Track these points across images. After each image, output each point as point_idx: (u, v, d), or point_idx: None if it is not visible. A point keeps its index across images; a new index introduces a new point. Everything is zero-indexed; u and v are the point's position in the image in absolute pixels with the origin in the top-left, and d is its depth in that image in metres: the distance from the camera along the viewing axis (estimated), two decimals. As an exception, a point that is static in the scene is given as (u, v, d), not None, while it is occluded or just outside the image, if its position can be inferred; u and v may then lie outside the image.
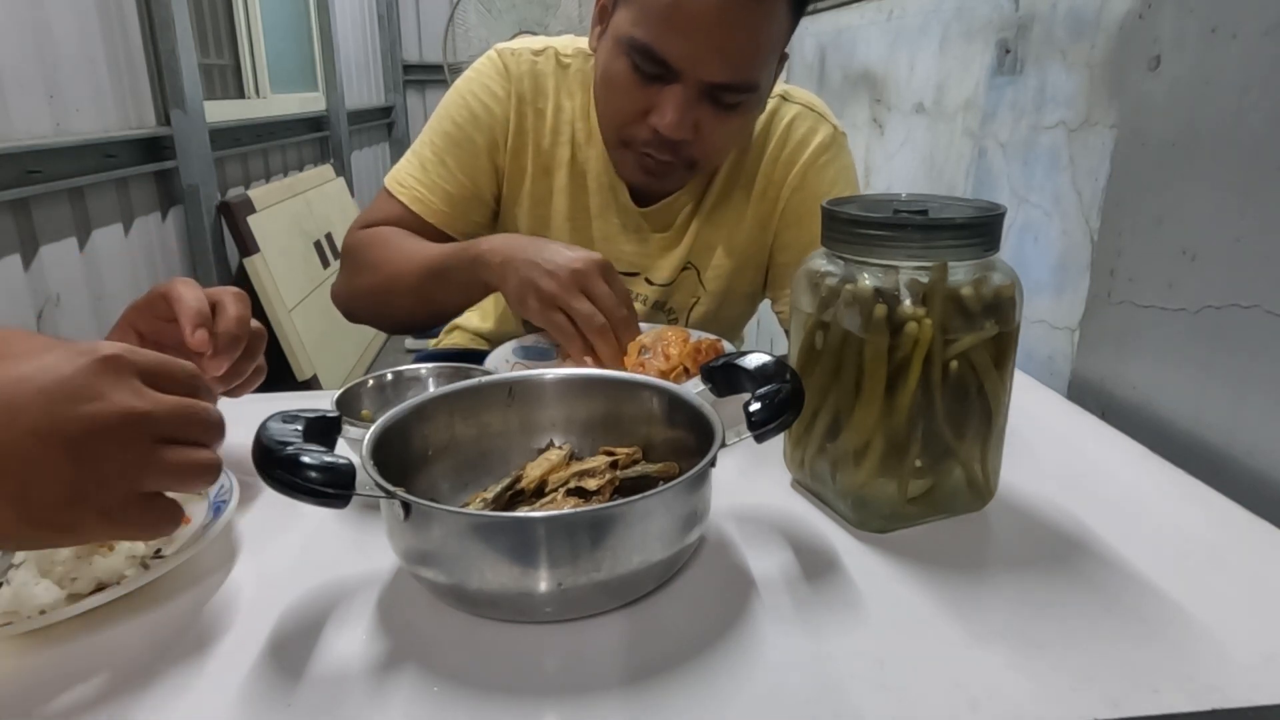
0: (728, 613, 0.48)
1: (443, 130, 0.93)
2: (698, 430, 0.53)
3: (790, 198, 0.96)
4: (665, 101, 0.79)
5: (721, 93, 0.79)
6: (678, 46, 0.76)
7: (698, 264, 0.98)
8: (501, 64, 0.93)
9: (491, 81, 0.93)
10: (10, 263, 1.47)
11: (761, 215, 0.97)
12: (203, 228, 2.13)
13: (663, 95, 0.79)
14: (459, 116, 0.93)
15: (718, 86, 0.78)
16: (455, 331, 1.15)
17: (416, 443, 0.55)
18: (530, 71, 0.93)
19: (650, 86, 0.79)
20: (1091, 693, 0.41)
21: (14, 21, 1.48)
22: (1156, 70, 0.78)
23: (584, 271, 0.73)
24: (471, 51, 3.59)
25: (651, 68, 0.78)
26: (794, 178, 0.95)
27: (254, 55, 2.82)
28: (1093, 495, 0.61)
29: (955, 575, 0.51)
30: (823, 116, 0.97)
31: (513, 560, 0.43)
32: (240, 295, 0.60)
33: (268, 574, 0.52)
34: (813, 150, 0.95)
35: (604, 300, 0.73)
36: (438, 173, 0.92)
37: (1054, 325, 0.94)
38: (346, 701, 0.41)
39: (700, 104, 0.79)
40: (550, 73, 0.93)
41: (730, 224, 0.97)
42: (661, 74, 0.78)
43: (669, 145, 0.82)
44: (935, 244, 0.51)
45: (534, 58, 0.93)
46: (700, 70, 0.77)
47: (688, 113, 0.79)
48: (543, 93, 0.93)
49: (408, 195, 0.92)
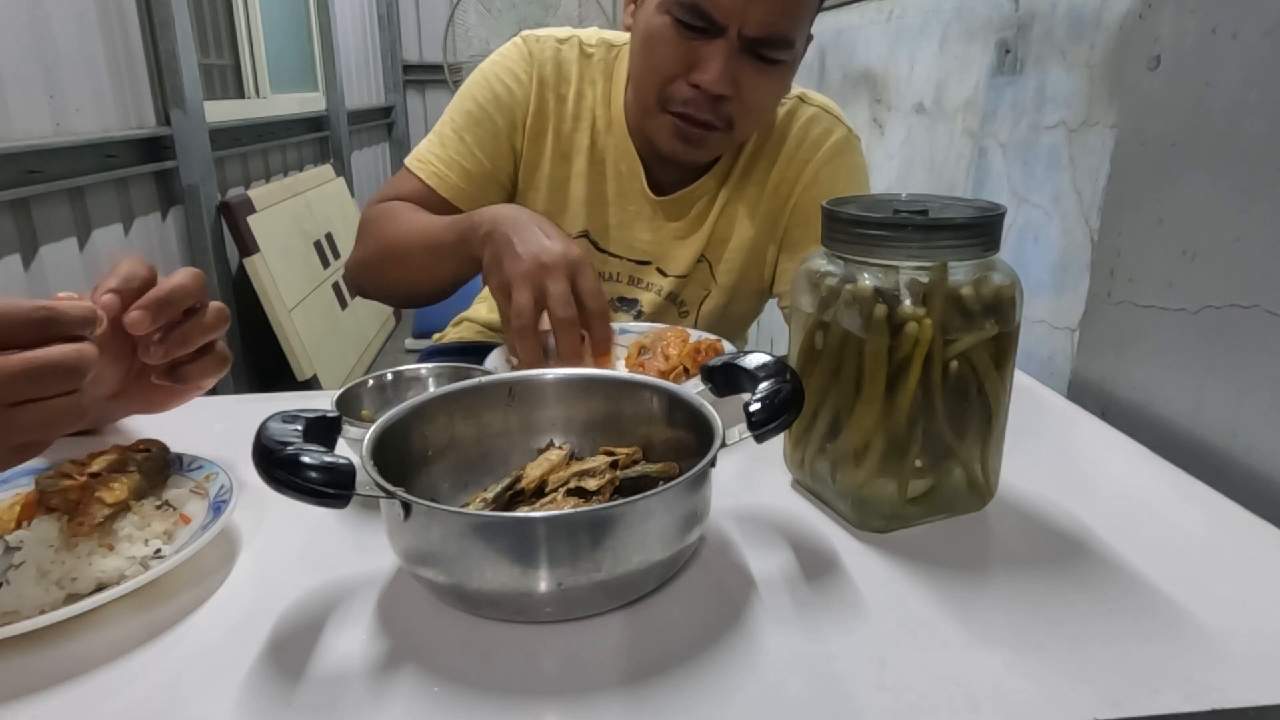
0: (728, 613, 0.48)
1: (464, 109, 0.94)
2: (698, 430, 0.53)
3: (801, 195, 0.97)
4: (708, 56, 0.81)
5: (762, 47, 0.81)
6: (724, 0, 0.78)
7: (711, 257, 0.99)
8: (526, 49, 0.95)
9: (515, 65, 0.94)
10: (10, 263, 1.47)
11: (773, 210, 0.98)
12: (203, 228, 2.13)
13: (705, 50, 0.81)
14: (481, 96, 0.94)
15: (759, 40, 0.80)
16: (463, 324, 1.15)
17: (416, 443, 0.55)
18: (554, 57, 0.95)
19: (693, 42, 0.81)
20: (1091, 693, 0.41)
21: (14, 21, 1.48)
22: (1156, 70, 0.78)
23: (549, 266, 0.69)
24: (472, 51, 3.59)
25: (696, 21, 0.80)
26: (806, 175, 0.96)
27: (254, 55, 2.82)
28: (1093, 495, 0.61)
29: (955, 575, 0.51)
30: (839, 119, 0.98)
31: (513, 560, 0.43)
32: (193, 272, 0.55)
33: (268, 574, 0.52)
34: (827, 150, 0.96)
35: (553, 299, 0.69)
36: (456, 149, 0.93)
37: (1054, 325, 0.94)
38: (346, 701, 0.41)
39: (741, 59, 0.81)
40: (574, 59, 0.95)
41: (744, 217, 0.98)
42: (705, 28, 0.80)
43: (710, 103, 0.83)
44: (935, 244, 0.51)
45: (558, 44, 0.95)
46: (743, 23, 0.79)
47: (729, 67, 0.81)
48: (565, 78, 0.95)
49: (425, 170, 0.93)
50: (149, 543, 0.51)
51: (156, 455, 0.57)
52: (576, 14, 3.65)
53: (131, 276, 0.51)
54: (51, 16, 1.58)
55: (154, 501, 0.55)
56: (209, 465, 0.58)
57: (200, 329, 0.55)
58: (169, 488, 0.57)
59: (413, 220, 0.89)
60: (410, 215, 0.90)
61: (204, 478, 0.58)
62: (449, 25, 3.65)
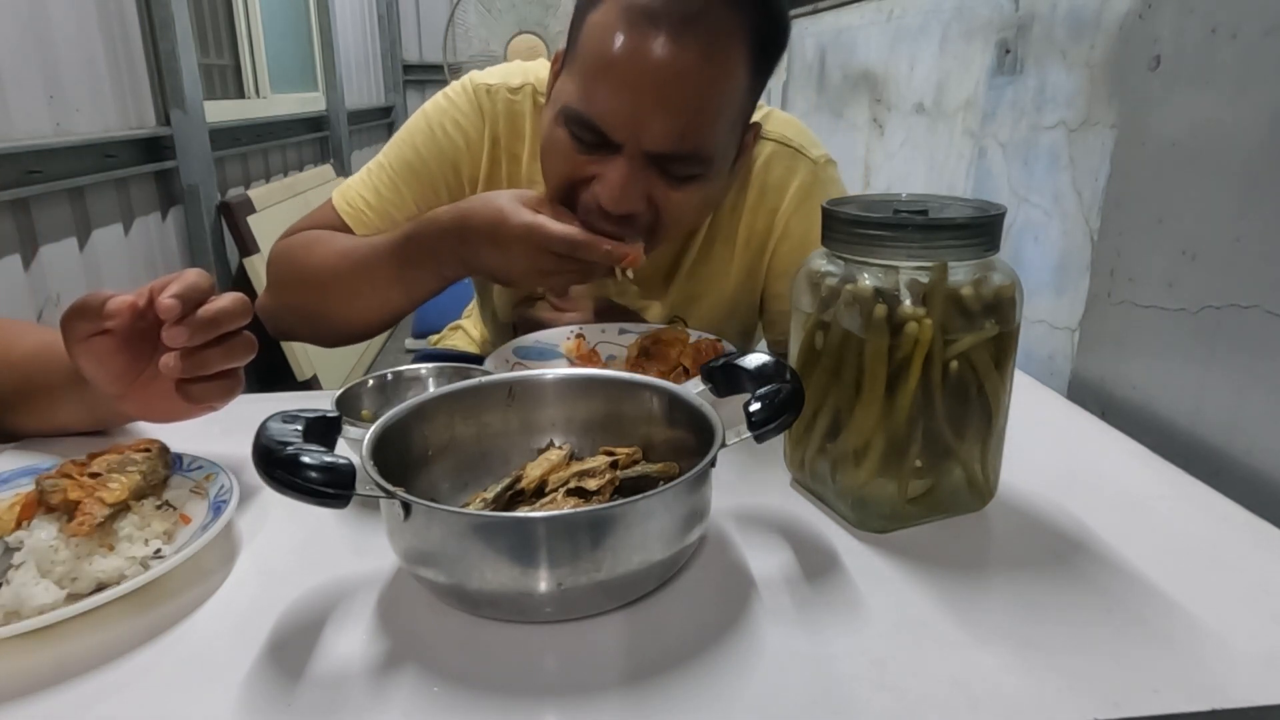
0: (728, 613, 0.48)
1: (403, 158, 0.87)
2: (698, 430, 0.53)
3: (776, 248, 0.90)
4: (608, 173, 0.72)
5: (669, 164, 0.72)
6: (614, 115, 0.70)
7: (684, 314, 0.93)
8: (476, 102, 0.87)
9: (464, 118, 0.87)
10: (10, 263, 1.47)
11: (748, 265, 0.92)
12: (203, 228, 2.13)
13: (606, 166, 0.72)
14: (423, 147, 0.87)
15: (663, 157, 0.71)
16: (458, 331, 1.15)
17: (416, 443, 0.55)
18: (507, 112, 0.87)
19: (592, 157, 0.73)
20: (1091, 693, 0.41)
21: (14, 21, 1.48)
22: (1156, 70, 0.78)
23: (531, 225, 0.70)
24: (471, 51, 3.59)
25: (590, 137, 0.72)
26: (777, 228, 0.89)
27: (254, 55, 2.82)
28: (1093, 495, 0.61)
29: (955, 575, 0.51)
30: (799, 152, 0.89)
31: (513, 560, 0.43)
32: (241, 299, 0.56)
33: (268, 574, 0.52)
34: (792, 195, 0.88)
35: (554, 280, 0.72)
36: (391, 199, 0.86)
37: (1054, 325, 0.94)
38: (346, 701, 0.41)
39: (648, 174, 0.72)
40: (527, 113, 0.88)
41: (717, 276, 0.92)
42: (601, 143, 0.71)
43: (616, 219, 0.74)
44: (935, 244, 0.51)
45: (510, 96, 0.87)
46: (641, 140, 0.70)
47: (633, 185, 0.71)
48: (519, 136, 0.88)
49: (354, 217, 0.86)
50: (149, 543, 0.51)
51: (156, 455, 0.57)
52: (576, 14, 3.65)
53: (195, 288, 0.53)
54: (51, 17, 1.58)
55: (154, 501, 0.55)
56: (209, 465, 0.58)
57: (224, 356, 0.55)
58: (169, 488, 0.57)
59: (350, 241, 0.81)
60: (340, 238, 0.83)
61: (204, 478, 0.58)
62: (449, 25, 3.64)
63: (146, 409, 0.60)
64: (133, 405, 0.59)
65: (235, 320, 0.54)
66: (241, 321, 0.55)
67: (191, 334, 0.52)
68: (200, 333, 0.52)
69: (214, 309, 0.53)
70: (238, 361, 0.56)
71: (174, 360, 0.53)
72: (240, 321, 0.55)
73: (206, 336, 0.53)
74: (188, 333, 0.52)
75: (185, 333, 0.52)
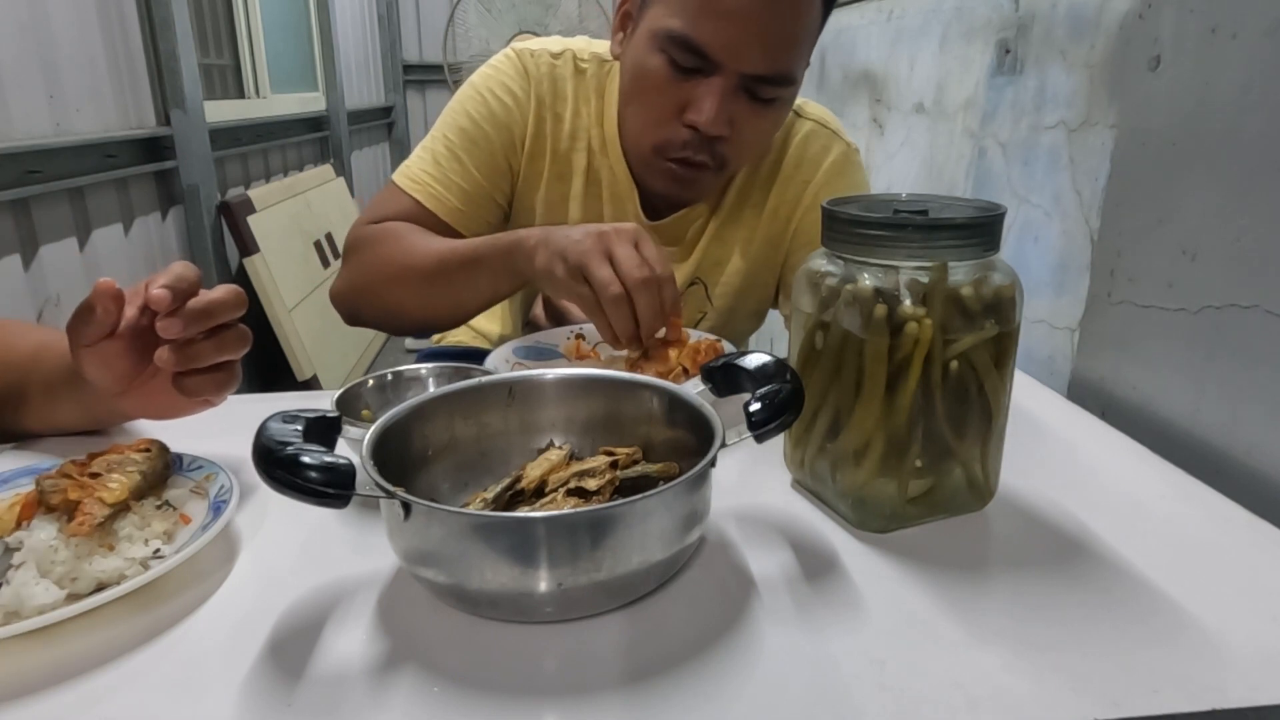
0: (728, 613, 0.48)
1: (458, 126, 0.91)
2: (698, 430, 0.53)
3: (803, 218, 0.95)
4: (703, 95, 0.77)
5: (759, 85, 0.78)
6: (717, 35, 0.75)
7: (706, 279, 0.97)
8: (521, 65, 0.92)
9: (511, 81, 0.91)
10: (10, 263, 1.47)
11: (773, 234, 0.96)
12: (203, 228, 2.13)
13: (700, 89, 0.78)
14: (476, 113, 0.91)
15: (755, 79, 0.77)
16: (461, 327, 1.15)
17: (416, 443, 0.55)
18: (550, 74, 0.92)
19: (687, 81, 0.78)
20: (1091, 693, 0.41)
21: (14, 21, 1.48)
22: (1156, 70, 0.78)
23: (609, 234, 0.69)
24: (472, 51, 3.59)
25: (689, 60, 0.77)
26: (806, 198, 0.94)
27: (254, 55, 2.82)
28: (1093, 495, 0.61)
29: (955, 575, 0.51)
30: (836, 134, 0.96)
31: (513, 560, 0.43)
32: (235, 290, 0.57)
33: (268, 574, 0.52)
34: (825, 170, 0.94)
35: (625, 263, 0.67)
36: (453, 169, 0.90)
37: (1054, 325, 0.94)
38: (346, 701, 0.41)
39: (737, 98, 0.78)
40: (569, 76, 0.92)
41: (741, 240, 0.96)
42: (699, 66, 0.77)
43: (705, 144, 0.80)
44: (935, 244, 0.51)
45: (553, 60, 0.92)
46: (739, 60, 0.76)
47: (725, 106, 0.77)
48: (561, 97, 0.92)
49: (421, 191, 0.89)
50: (149, 543, 0.51)
51: (156, 455, 0.57)
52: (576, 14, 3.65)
53: (182, 278, 0.53)
54: (51, 16, 1.58)
55: (154, 501, 0.55)
56: (209, 465, 0.58)
57: (217, 348, 0.55)
58: (169, 488, 0.57)
59: (428, 243, 0.84)
60: (420, 237, 0.86)
61: (204, 478, 0.58)
62: (449, 25, 3.64)
63: (145, 405, 0.60)
64: (131, 402, 0.60)
65: (229, 312, 0.55)
66: (235, 313, 0.55)
67: (185, 325, 0.52)
68: (194, 323, 0.53)
69: (207, 300, 0.53)
70: (232, 354, 0.56)
71: (167, 352, 0.53)
72: (234, 313, 0.55)
73: (200, 327, 0.54)
74: (181, 324, 0.52)
75: (179, 324, 0.52)
